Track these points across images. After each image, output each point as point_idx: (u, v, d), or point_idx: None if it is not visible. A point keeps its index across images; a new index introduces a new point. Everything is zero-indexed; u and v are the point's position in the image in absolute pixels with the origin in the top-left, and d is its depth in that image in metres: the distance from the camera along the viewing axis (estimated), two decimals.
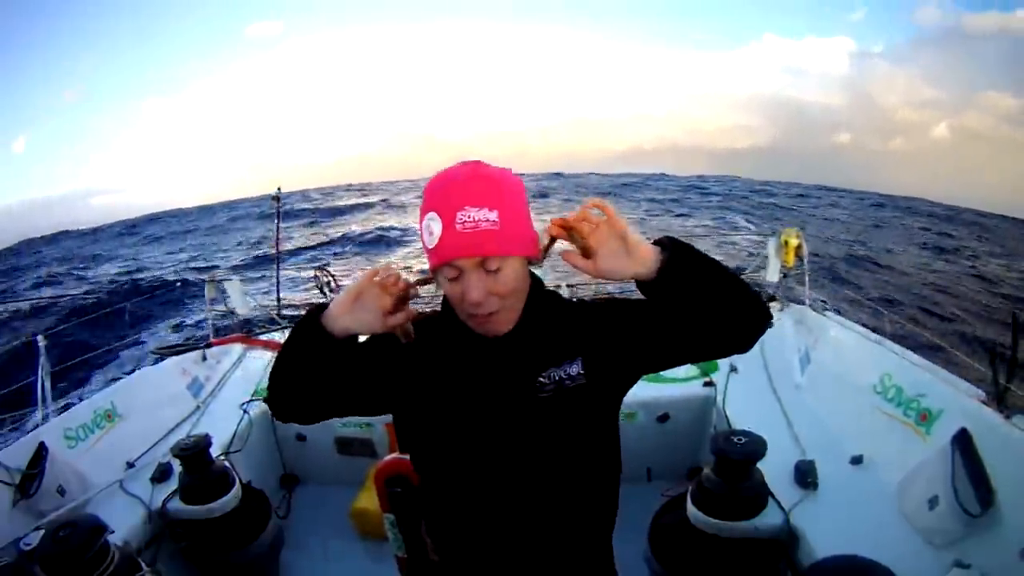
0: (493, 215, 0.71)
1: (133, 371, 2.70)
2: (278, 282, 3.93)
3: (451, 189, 0.73)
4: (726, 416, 2.14)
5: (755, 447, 1.55)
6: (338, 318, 0.78)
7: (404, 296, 0.79)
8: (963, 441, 1.43)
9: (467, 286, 0.73)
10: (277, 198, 3.80)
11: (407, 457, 1.53)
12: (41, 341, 2.36)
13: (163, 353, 2.86)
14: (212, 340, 3.07)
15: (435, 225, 0.72)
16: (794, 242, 2.91)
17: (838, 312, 2.70)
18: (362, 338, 0.85)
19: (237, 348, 3.12)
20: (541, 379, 0.80)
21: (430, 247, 0.74)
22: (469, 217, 0.70)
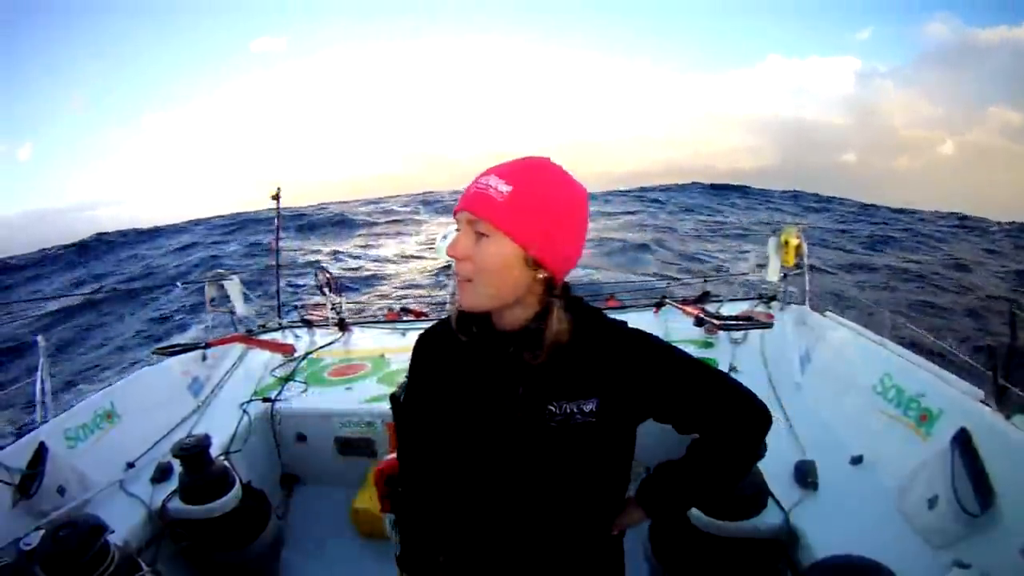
0: (506, 188, 0.73)
1: (133, 371, 2.69)
2: (278, 282, 3.93)
3: (495, 165, 0.78)
4: None
5: None
6: None
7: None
8: (963, 441, 1.43)
9: (454, 239, 0.76)
10: (276, 197, 3.79)
11: None
12: (41, 341, 2.36)
13: (163, 353, 2.86)
14: (212, 340, 3.06)
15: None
16: (794, 242, 2.91)
17: (838, 312, 2.70)
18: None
19: (237, 348, 3.12)
20: (551, 408, 0.78)
21: None
22: (486, 182, 0.75)
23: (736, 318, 2.85)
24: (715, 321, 2.75)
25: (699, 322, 2.85)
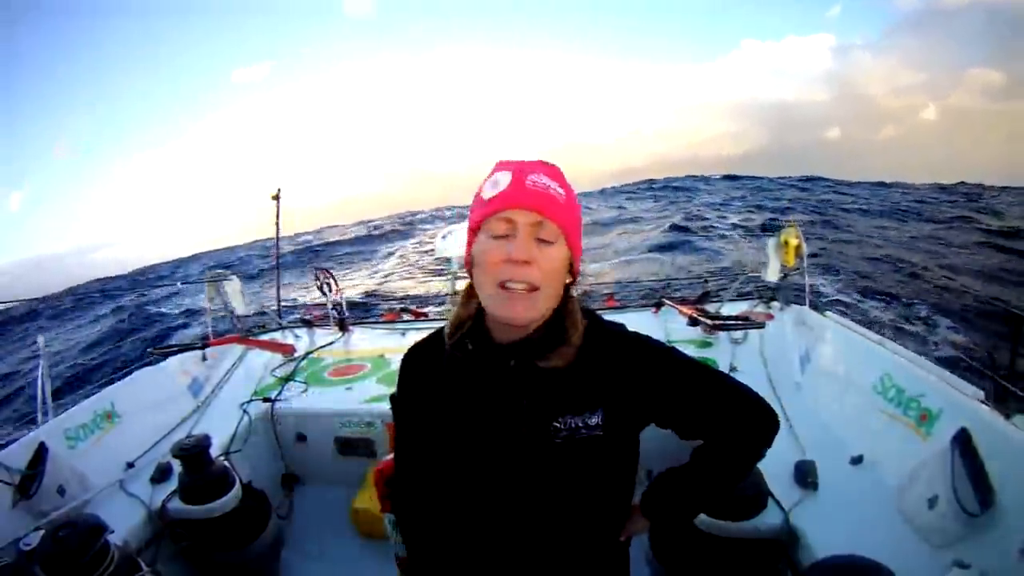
0: (562, 191, 0.72)
1: (133, 371, 2.69)
2: (278, 282, 3.93)
3: (524, 161, 0.75)
4: None
5: None
6: None
7: None
8: (963, 441, 1.43)
9: (516, 242, 0.69)
10: (276, 197, 3.80)
11: None
12: (41, 342, 2.36)
13: (160, 353, 2.86)
14: (211, 340, 3.06)
15: (503, 178, 0.71)
16: (794, 242, 2.92)
17: (838, 312, 2.70)
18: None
19: (237, 348, 3.12)
20: (556, 424, 0.75)
21: (488, 197, 0.72)
22: (540, 180, 0.71)
23: (729, 318, 2.86)
24: (708, 321, 2.77)
25: (693, 322, 2.86)
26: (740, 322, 2.76)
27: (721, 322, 2.75)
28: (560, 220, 0.71)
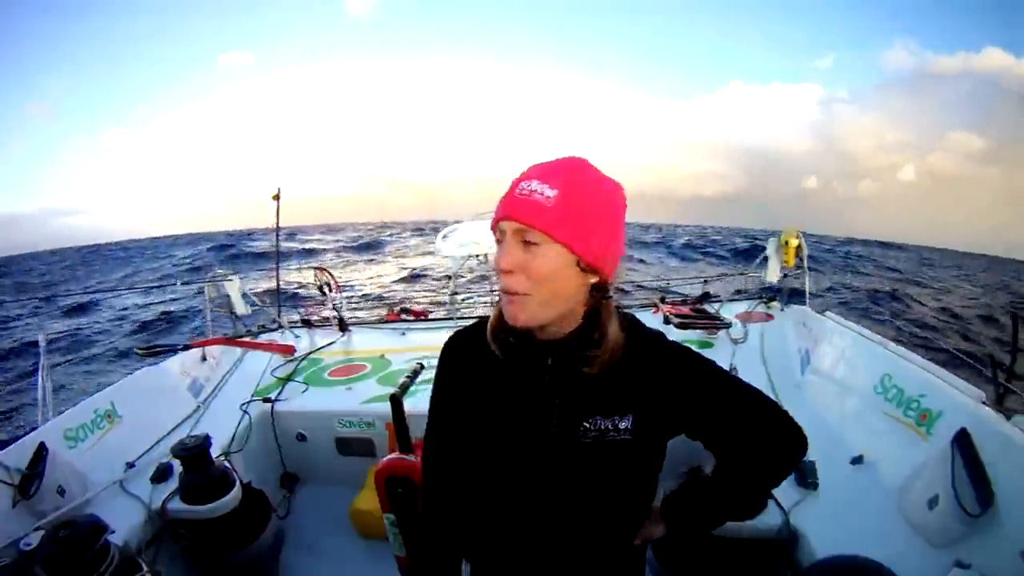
0: (552, 192, 0.69)
1: (133, 371, 2.69)
2: (278, 283, 3.93)
3: (533, 166, 0.74)
4: None
5: None
6: None
7: None
8: (963, 441, 1.43)
9: (500, 251, 0.72)
10: (277, 197, 3.80)
11: (407, 457, 1.52)
12: (42, 341, 2.36)
13: (145, 353, 2.85)
14: (195, 341, 3.06)
15: (507, 188, 0.74)
16: (794, 242, 2.93)
17: (838, 312, 2.71)
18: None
19: (237, 348, 3.12)
20: (586, 424, 0.76)
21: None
22: (529, 187, 0.71)
23: (707, 317, 2.95)
24: (676, 320, 2.85)
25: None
26: (707, 321, 2.84)
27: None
28: (542, 223, 0.69)
